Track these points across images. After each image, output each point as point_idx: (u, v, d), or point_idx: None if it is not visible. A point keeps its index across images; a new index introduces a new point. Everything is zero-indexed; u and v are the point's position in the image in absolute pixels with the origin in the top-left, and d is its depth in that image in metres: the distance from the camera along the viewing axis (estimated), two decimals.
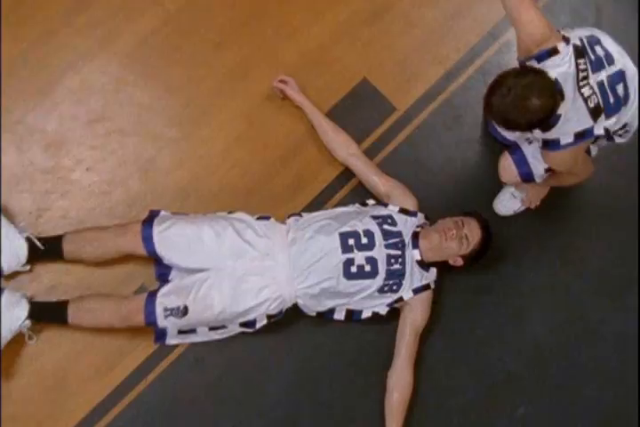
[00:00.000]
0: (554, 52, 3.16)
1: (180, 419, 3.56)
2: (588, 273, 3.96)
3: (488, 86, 3.05)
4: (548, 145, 3.27)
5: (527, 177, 3.58)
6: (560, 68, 3.15)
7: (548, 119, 3.08)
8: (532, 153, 3.55)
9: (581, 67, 3.17)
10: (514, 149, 3.60)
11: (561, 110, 3.11)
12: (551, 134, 3.22)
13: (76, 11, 3.83)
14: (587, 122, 3.19)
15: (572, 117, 3.17)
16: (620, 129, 3.42)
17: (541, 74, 3.04)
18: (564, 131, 3.19)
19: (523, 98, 2.96)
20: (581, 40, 3.23)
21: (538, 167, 3.53)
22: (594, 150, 3.62)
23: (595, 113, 3.19)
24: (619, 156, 3.98)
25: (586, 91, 3.17)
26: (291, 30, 4.00)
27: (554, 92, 3.03)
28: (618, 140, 3.51)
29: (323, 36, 4.01)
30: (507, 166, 3.61)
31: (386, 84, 4.03)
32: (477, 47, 4.13)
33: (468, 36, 4.13)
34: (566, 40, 3.19)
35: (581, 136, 3.21)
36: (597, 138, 3.39)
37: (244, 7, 3.98)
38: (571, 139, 3.21)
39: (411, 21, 4.10)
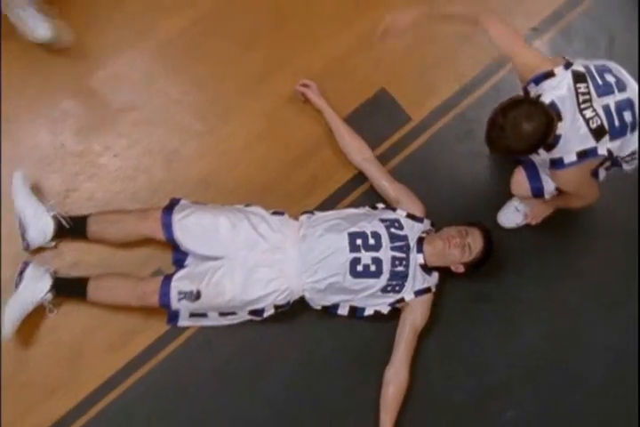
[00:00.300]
0: (550, 74, 3.34)
1: (185, 397, 3.71)
2: (585, 289, 4.09)
3: (487, 123, 3.23)
4: (554, 164, 3.41)
5: (538, 192, 3.71)
6: (557, 90, 3.31)
7: (545, 140, 3.23)
8: (546, 171, 3.68)
9: (581, 90, 3.33)
10: (527, 164, 3.72)
11: (560, 130, 3.28)
12: (555, 154, 3.37)
13: (114, 6, 4.01)
14: (589, 142, 3.33)
15: (572, 137, 3.32)
16: (628, 156, 3.56)
17: (530, 101, 3.23)
18: (567, 150, 3.34)
19: (515, 126, 3.13)
20: (587, 67, 3.40)
21: (549, 183, 3.65)
22: (602, 175, 3.73)
23: (597, 133, 3.33)
24: (624, 182, 4.12)
25: (588, 112, 3.32)
26: (317, 37, 4.18)
27: (546, 116, 3.18)
28: (625, 167, 3.64)
29: (346, 45, 4.19)
30: (520, 180, 3.73)
31: (403, 94, 4.20)
32: (493, 65, 4.29)
33: (485, 55, 4.28)
34: (567, 65, 3.36)
35: (584, 155, 3.35)
36: (604, 161, 3.52)
37: (273, 13, 4.18)
38: (574, 157, 3.35)
39: (431, 37, 4.28)
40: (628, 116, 3.40)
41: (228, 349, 3.78)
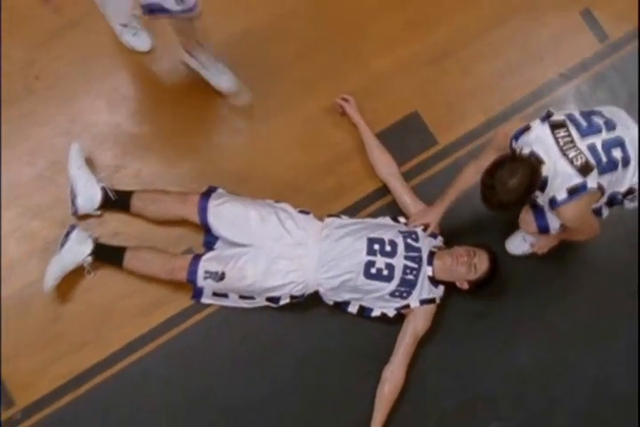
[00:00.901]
0: (526, 129, 3.63)
1: (198, 368, 4.04)
2: (579, 319, 4.29)
3: (480, 188, 3.49)
4: (551, 203, 3.63)
5: (544, 229, 3.94)
6: (535, 139, 3.58)
7: (533, 188, 3.49)
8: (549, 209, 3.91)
9: (561, 135, 3.57)
10: (534, 204, 3.91)
11: (545, 173, 3.52)
12: (548, 194, 3.60)
13: None
14: (575, 178, 3.54)
15: (557, 177, 3.54)
16: (628, 194, 3.80)
17: (510, 158, 3.49)
18: (556, 188, 3.56)
19: (502, 183, 3.39)
20: (569, 115, 3.66)
21: (554, 221, 3.86)
22: (605, 213, 3.94)
23: (583, 170, 3.53)
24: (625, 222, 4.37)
25: (571, 152, 3.54)
26: (362, 56, 4.46)
27: (528, 166, 3.44)
28: (628, 205, 3.88)
29: (387, 66, 4.46)
30: (527, 219, 3.96)
31: (434, 119, 4.45)
32: (519, 103, 4.52)
33: (513, 93, 4.52)
34: (544, 118, 3.64)
35: (575, 191, 3.55)
36: (601, 197, 3.70)
37: (328, 29, 4.45)
38: (564, 194, 3.55)
39: (466, 70, 4.53)
40: (616, 152, 3.61)
41: (242, 329, 4.08)
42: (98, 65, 4.26)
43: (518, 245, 4.28)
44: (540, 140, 3.56)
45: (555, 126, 3.59)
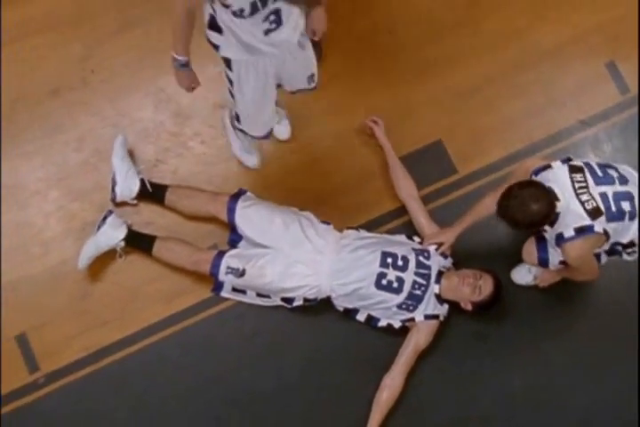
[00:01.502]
0: (547, 167, 3.88)
1: (211, 357, 4.30)
2: (573, 354, 4.43)
3: (501, 194, 3.71)
4: (558, 239, 3.82)
5: (544, 263, 4.13)
6: (554, 177, 3.81)
7: (549, 218, 3.72)
8: (553, 244, 4.05)
9: (577, 179, 3.81)
10: (539, 236, 4.12)
11: (558, 209, 3.74)
12: (557, 229, 3.80)
13: None
14: (585, 220, 3.75)
15: (569, 215, 3.75)
16: (629, 247, 4.02)
17: (538, 185, 3.72)
18: (565, 225, 3.77)
19: (523, 204, 3.62)
20: (587, 164, 3.90)
21: (555, 257, 4.06)
22: (603, 259, 4.16)
23: (593, 214, 3.75)
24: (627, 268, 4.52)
25: (584, 196, 3.77)
26: (394, 83, 4.68)
27: (548, 198, 3.67)
28: (625, 257, 4.12)
29: (418, 95, 4.68)
30: (530, 250, 4.16)
31: (455, 149, 4.65)
32: (539, 144, 4.68)
33: (534, 133, 4.70)
34: (564, 161, 3.89)
35: (581, 231, 3.75)
36: (604, 242, 3.89)
37: (364, 55, 4.70)
38: (572, 233, 3.75)
39: (492, 106, 4.72)
40: (626, 205, 3.83)
41: (255, 326, 4.33)
42: (149, 66, 4.56)
43: (523, 275, 4.46)
44: (557, 179, 3.79)
45: (573, 170, 3.82)
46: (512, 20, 4.81)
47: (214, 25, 3.45)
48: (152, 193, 4.32)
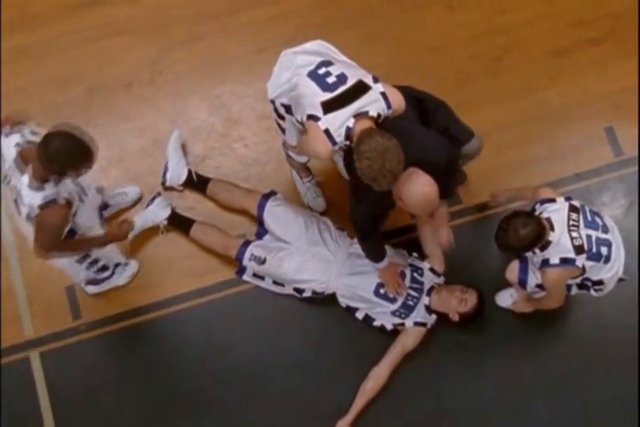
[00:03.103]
0: (552, 200, 4.39)
1: (224, 331, 4.90)
2: (538, 373, 4.85)
3: (497, 227, 4.18)
4: (543, 263, 4.31)
5: (522, 283, 4.53)
6: (555, 211, 4.31)
7: (536, 243, 4.10)
8: (534, 269, 4.53)
9: (573, 217, 4.30)
10: (524, 259, 4.51)
11: (551, 238, 4.21)
12: (545, 254, 4.21)
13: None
14: (570, 253, 4.19)
15: (558, 246, 4.17)
16: (597, 284, 4.52)
17: (522, 214, 4.18)
18: (554, 253, 4.19)
19: (515, 230, 4.10)
20: (582, 207, 4.41)
21: (532, 280, 4.48)
22: (573, 290, 4.61)
23: (578, 250, 4.20)
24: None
25: (574, 233, 4.25)
26: None
27: (538, 225, 4.05)
28: (592, 293, 4.62)
29: None
30: (513, 268, 4.54)
31: (466, 188, 5.11)
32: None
33: (533, 179, 5.00)
34: (567, 198, 4.38)
35: (565, 261, 4.20)
36: (578, 276, 4.39)
37: None
38: (557, 261, 4.20)
39: (500, 151, 5.08)
40: (604, 250, 4.32)
41: (268, 309, 4.90)
42: (209, 75, 5.25)
43: (505, 299, 4.95)
44: (557, 213, 4.29)
45: (571, 208, 4.32)
46: (529, 78, 5.31)
47: None
48: (197, 183, 4.95)
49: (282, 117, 4.16)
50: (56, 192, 3.74)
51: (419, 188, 3.81)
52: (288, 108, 3.97)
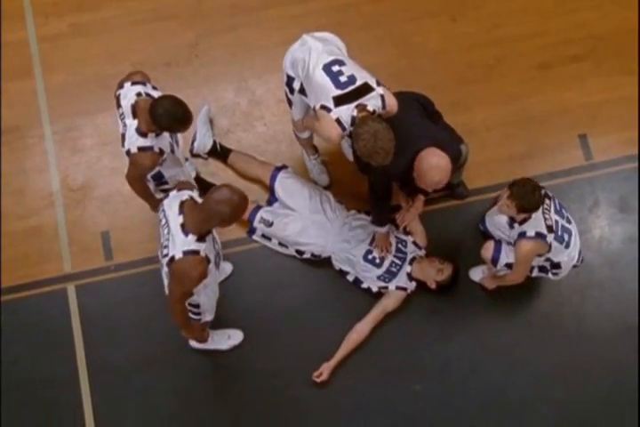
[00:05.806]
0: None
1: (234, 280, 5.52)
2: (501, 340, 5.44)
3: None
4: (520, 235, 4.81)
5: (494, 261, 5.13)
6: None
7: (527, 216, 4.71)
8: (506, 250, 5.10)
9: (546, 202, 4.83)
10: (498, 241, 5.16)
11: (533, 215, 4.76)
12: (523, 228, 4.80)
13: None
14: (543, 229, 4.76)
15: (534, 220, 4.75)
16: (555, 268, 5.06)
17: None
18: (531, 227, 4.76)
19: (537, 188, 4.64)
20: (553, 197, 4.95)
21: (503, 259, 5.08)
22: (534, 272, 5.16)
23: (549, 229, 4.78)
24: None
25: (546, 215, 4.78)
26: None
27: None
28: (550, 276, 5.17)
29: None
30: (488, 247, 5.14)
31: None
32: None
33: (513, 173, 5.28)
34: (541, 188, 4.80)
35: (539, 235, 4.76)
36: (543, 254, 4.91)
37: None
38: (533, 233, 4.76)
39: (485, 147, 5.74)
40: (566, 236, 4.93)
41: (273, 265, 5.57)
42: (238, 61, 5.93)
43: (477, 274, 5.57)
44: None
45: (546, 195, 4.91)
46: (517, 86, 5.87)
47: None
48: (220, 152, 5.62)
49: (292, 92, 4.82)
50: (155, 142, 4.46)
51: (434, 160, 4.57)
52: (302, 91, 4.66)
